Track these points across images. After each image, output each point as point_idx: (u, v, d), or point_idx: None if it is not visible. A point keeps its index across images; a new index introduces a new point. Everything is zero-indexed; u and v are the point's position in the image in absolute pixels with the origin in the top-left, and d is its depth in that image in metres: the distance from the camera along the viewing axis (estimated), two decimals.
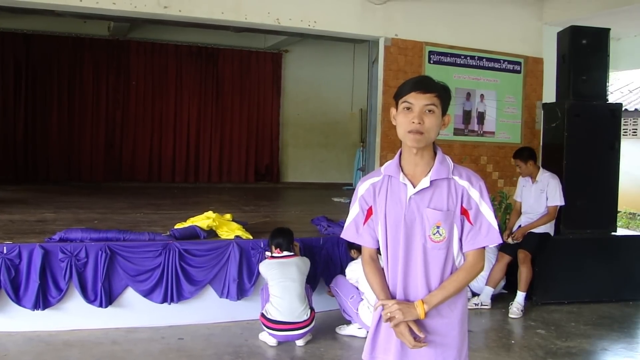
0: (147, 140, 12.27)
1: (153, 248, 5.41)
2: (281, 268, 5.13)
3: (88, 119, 11.78)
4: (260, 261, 5.46)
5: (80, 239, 5.36)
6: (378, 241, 2.60)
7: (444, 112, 2.44)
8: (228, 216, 6.36)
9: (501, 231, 7.39)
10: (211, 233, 5.91)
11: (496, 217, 2.49)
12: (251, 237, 5.84)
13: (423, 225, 2.44)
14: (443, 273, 2.46)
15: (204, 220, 6.02)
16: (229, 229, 5.97)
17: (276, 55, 13.25)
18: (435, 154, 2.49)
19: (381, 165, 2.66)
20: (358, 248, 5.47)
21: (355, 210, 2.62)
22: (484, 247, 2.47)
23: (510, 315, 6.19)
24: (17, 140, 11.32)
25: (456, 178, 2.46)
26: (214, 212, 6.20)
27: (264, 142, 13.23)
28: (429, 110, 2.38)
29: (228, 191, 11.32)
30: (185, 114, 12.50)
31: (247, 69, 12.99)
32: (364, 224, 2.59)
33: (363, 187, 2.59)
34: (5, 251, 5.02)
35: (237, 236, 5.83)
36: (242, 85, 12.92)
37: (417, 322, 2.41)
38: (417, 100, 2.38)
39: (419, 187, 2.45)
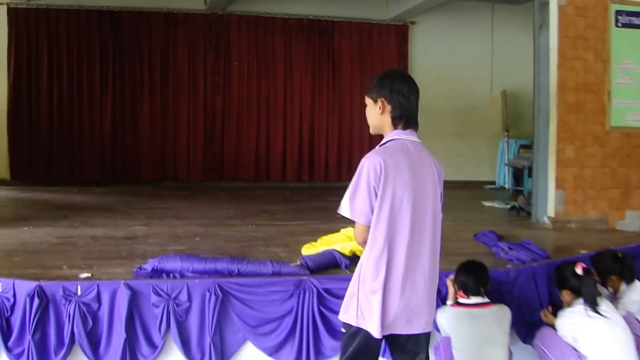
0: (253, 132, 11.79)
1: (281, 287, 4.30)
2: (473, 324, 3.88)
3: (184, 108, 11.44)
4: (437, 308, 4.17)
5: (180, 271, 4.36)
6: None
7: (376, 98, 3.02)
8: None
9: None
10: (355, 260, 4.62)
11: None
12: None
13: None
14: None
15: (343, 241, 4.88)
16: None
17: (401, 27, 12.46)
18: None
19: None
20: (572, 288, 4.08)
21: None
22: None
23: None
24: (104, 134, 11.05)
25: None
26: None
27: None
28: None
29: None
30: (296, 99, 11.94)
31: (367, 44, 12.28)
32: None
33: None
34: (79, 292, 4.01)
35: None
36: (363, 64, 12.21)
37: None
38: None
39: None
